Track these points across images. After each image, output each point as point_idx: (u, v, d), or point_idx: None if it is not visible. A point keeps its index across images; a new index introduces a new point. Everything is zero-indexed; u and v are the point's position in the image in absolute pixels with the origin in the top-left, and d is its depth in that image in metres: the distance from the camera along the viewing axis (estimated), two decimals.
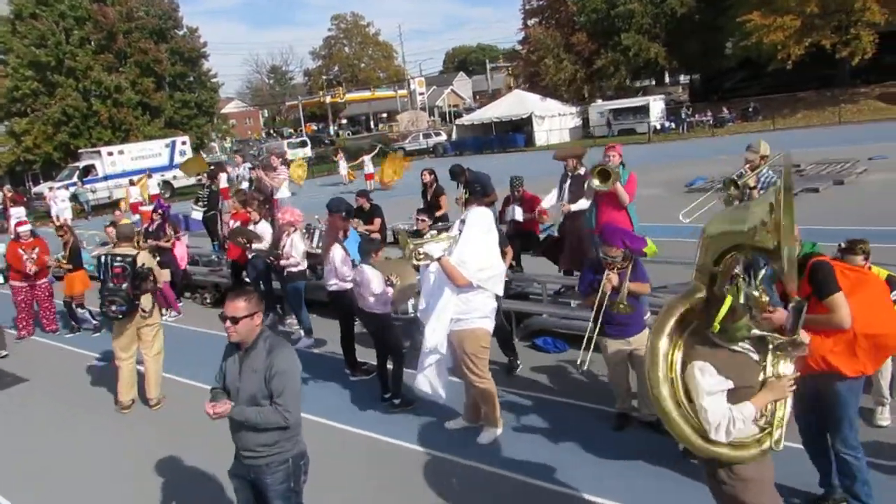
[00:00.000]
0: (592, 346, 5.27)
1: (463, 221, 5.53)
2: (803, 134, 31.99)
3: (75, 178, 31.15)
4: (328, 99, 77.12)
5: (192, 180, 36.37)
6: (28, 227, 10.64)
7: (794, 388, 3.21)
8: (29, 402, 8.22)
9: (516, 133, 43.78)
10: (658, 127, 40.88)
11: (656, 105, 42.62)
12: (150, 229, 10.98)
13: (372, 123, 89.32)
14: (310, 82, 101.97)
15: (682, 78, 58.11)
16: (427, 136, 49.32)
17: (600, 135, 41.67)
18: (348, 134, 79.19)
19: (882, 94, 38.77)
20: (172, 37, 41.99)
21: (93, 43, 38.72)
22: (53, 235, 11.38)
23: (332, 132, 78.78)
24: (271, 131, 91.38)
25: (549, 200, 8.65)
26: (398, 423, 6.32)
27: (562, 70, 46.39)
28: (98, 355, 9.39)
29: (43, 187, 31.32)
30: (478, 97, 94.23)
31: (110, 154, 33.50)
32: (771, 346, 3.23)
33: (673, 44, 44.46)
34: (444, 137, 48.50)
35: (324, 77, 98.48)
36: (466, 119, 48.36)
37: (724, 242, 3.21)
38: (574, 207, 8.30)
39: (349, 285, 7.30)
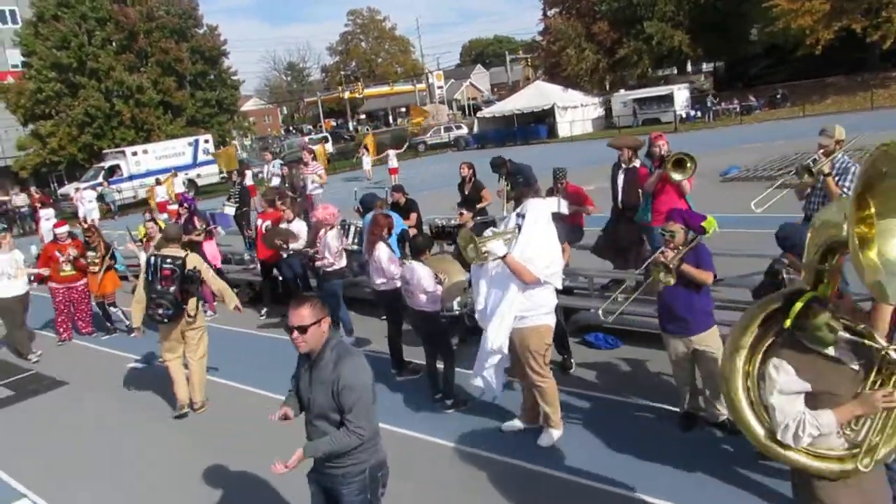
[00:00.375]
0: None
1: (520, 215, 5.27)
2: (835, 120, 31.19)
3: (101, 179, 31.28)
4: (347, 95, 76.99)
5: (216, 178, 36.62)
6: (66, 228, 10.55)
7: (892, 405, 2.81)
8: (69, 405, 8.13)
9: (539, 125, 43.31)
10: (683, 116, 40.27)
11: (681, 94, 41.95)
12: (179, 224, 10.83)
13: (391, 118, 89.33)
14: (327, 78, 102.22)
15: (705, 66, 57.28)
16: (448, 129, 48.95)
17: (624, 125, 41.18)
18: (367, 129, 79.16)
19: None
20: (193, 35, 42.08)
21: (114, 43, 38.86)
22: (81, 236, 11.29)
23: (350, 128, 78.71)
24: (290, 128, 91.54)
25: None
26: (451, 425, 6.09)
27: (584, 60, 45.86)
28: (138, 357, 9.28)
29: (69, 188, 31.51)
30: (496, 89, 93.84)
31: (134, 154, 33.65)
32: (876, 358, 2.88)
33: (696, 31, 43.74)
34: (465, 131, 48.07)
35: (341, 73, 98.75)
36: (487, 112, 47.92)
37: (821, 238, 2.94)
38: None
39: (396, 283, 7.09)
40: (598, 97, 45.98)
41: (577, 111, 43.60)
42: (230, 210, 12.85)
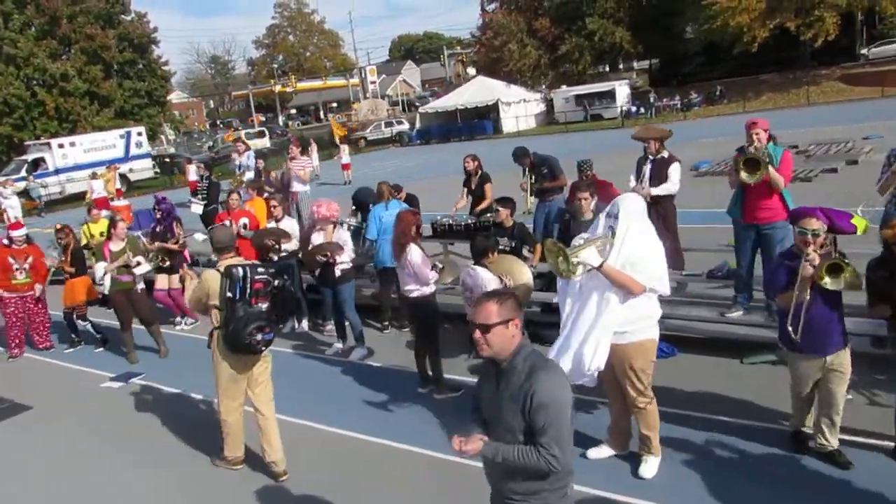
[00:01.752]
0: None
1: (611, 215, 4.56)
2: (775, 115, 31.92)
3: (23, 173, 29.02)
4: (279, 88, 74.80)
5: (150, 173, 34.64)
6: (23, 231, 9.20)
7: None
8: (36, 433, 6.98)
9: (483, 120, 42.91)
10: (625, 112, 40.61)
11: (622, 90, 42.35)
12: (157, 229, 9.77)
13: (322, 113, 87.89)
14: (254, 72, 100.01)
15: (636, 64, 58.02)
16: (389, 124, 48.03)
17: (565, 121, 41.26)
18: (298, 124, 77.36)
19: (843, 75, 39.22)
20: (120, 22, 39.71)
21: (34, 28, 36.23)
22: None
23: (281, 123, 76.83)
24: (217, 122, 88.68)
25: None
26: None
27: (526, 56, 45.63)
28: (112, 375, 8.19)
29: None
30: (427, 85, 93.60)
31: (61, 146, 31.35)
32: None
33: (636, 28, 44.19)
34: (406, 126, 47.36)
35: (271, 66, 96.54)
36: (430, 107, 47.19)
37: None
38: (656, 191, 7.54)
39: (431, 289, 6.33)
40: (539, 93, 45.96)
41: (520, 107, 43.45)
42: (198, 208, 11.70)
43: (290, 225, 8.92)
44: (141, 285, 8.69)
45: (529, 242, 7.43)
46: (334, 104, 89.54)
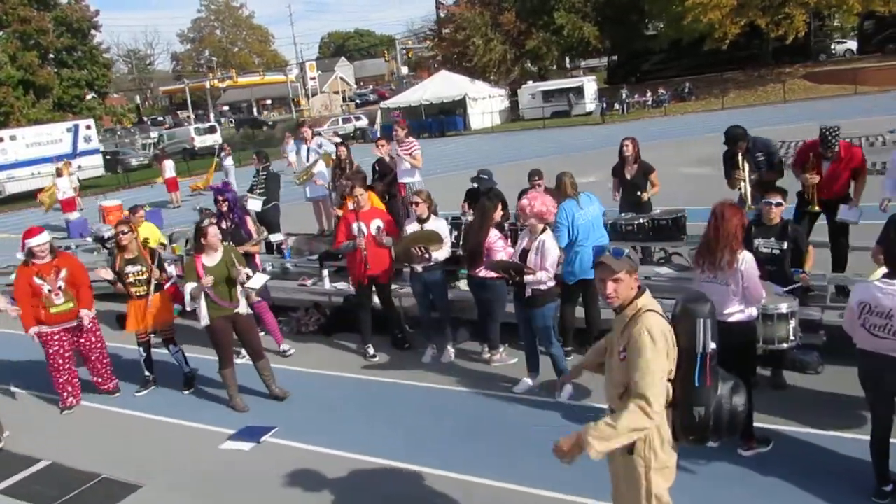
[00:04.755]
0: None
1: None
2: (755, 112, 31.69)
3: None
4: (215, 83, 71.00)
5: (101, 171, 31.40)
6: (45, 237, 6.85)
7: None
8: None
9: (449, 116, 41.38)
10: (593, 108, 39.92)
11: (590, 86, 41.59)
12: (222, 226, 7.52)
13: (255, 110, 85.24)
14: (179, 67, 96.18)
15: (586, 61, 57.60)
16: (347, 120, 45.91)
17: (531, 117, 40.21)
18: (231, 122, 74.20)
19: (808, 73, 39.53)
20: (56, 4, 36.00)
21: None
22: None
23: (213, 119, 73.36)
24: (143, 119, 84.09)
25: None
26: None
27: (491, 50, 44.23)
28: (230, 431, 6.17)
29: None
30: (362, 83, 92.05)
31: (0, 140, 27.86)
32: None
33: (602, 24, 43.51)
34: (364, 122, 45.39)
35: (197, 62, 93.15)
36: (391, 102, 45.21)
37: None
38: None
39: (754, 312, 4.75)
40: (503, 89, 44.72)
41: (486, 102, 42.14)
42: (255, 203, 9.58)
43: (440, 227, 7.10)
44: (247, 309, 6.70)
45: (802, 246, 5.89)
46: (268, 101, 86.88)
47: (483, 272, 6.74)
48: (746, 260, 4.71)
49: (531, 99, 42.07)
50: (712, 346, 3.26)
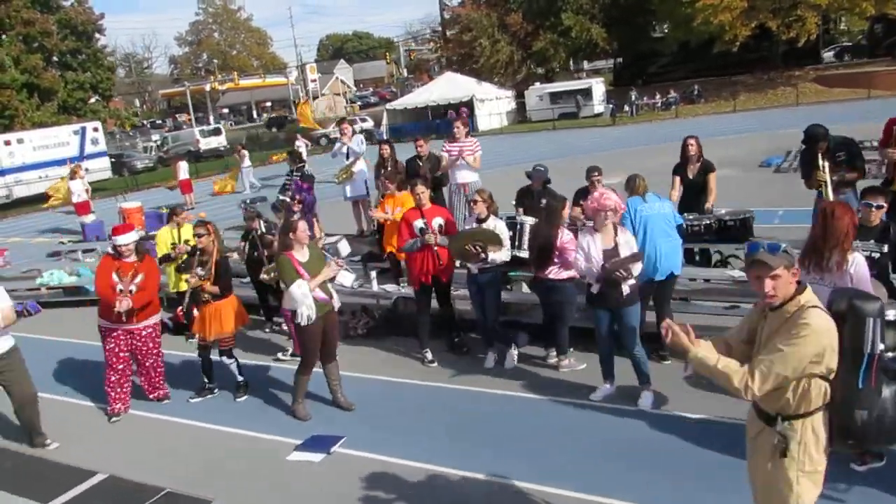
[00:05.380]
0: None
1: None
2: (777, 114, 31.50)
3: None
4: (215, 85, 70.64)
5: (108, 174, 30.98)
6: (133, 235, 6.63)
7: None
8: None
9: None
10: (602, 110, 39.69)
11: (598, 87, 41.36)
12: None
13: (255, 113, 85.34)
14: (177, 70, 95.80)
15: (591, 63, 57.44)
16: (353, 121, 45.55)
17: (539, 119, 39.97)
18: (231, 124, 74.18)
19: (818, 76, 39.33)
20: (60, 6, 35.61)
21: None
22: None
23: (213, 122, 73.16)
24: (144, 123, 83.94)
25: None
26: None
27: (498, 52, 43.97)
28: (296, 442, 5.82)
29: None
30: (361, 85, 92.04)
31: (7, 143, 27.47)
32: None
33: (610, 25, 43.28)
34: (370, 123, 45.07)
35: (195, 65, 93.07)
36: (398, 103, 44.95)
37: None
38: None
39: None
40: (510, 90, 44.47)
41: (493, 104, 41.90)
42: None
43: (500, 228, 6.77)
44: (339, 303, 6.40)
45: None
46: (268, 103, 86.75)
47: (554, 274, 6.45)
48: (857, 262, 4.44)
49: (538, 101, 41.82)
50: (881, 346, 3.12)
